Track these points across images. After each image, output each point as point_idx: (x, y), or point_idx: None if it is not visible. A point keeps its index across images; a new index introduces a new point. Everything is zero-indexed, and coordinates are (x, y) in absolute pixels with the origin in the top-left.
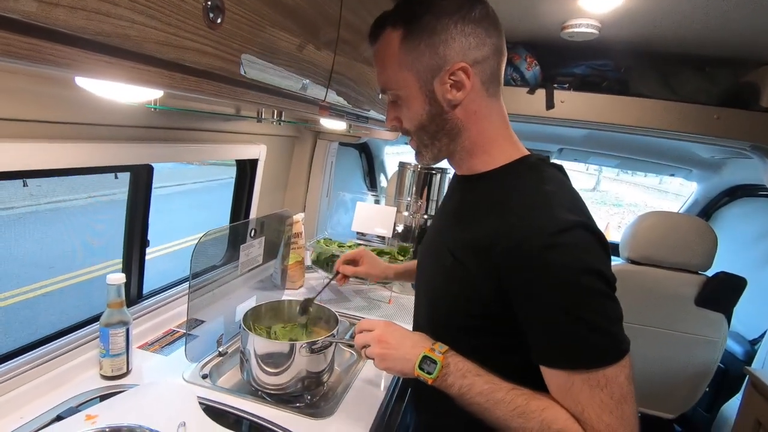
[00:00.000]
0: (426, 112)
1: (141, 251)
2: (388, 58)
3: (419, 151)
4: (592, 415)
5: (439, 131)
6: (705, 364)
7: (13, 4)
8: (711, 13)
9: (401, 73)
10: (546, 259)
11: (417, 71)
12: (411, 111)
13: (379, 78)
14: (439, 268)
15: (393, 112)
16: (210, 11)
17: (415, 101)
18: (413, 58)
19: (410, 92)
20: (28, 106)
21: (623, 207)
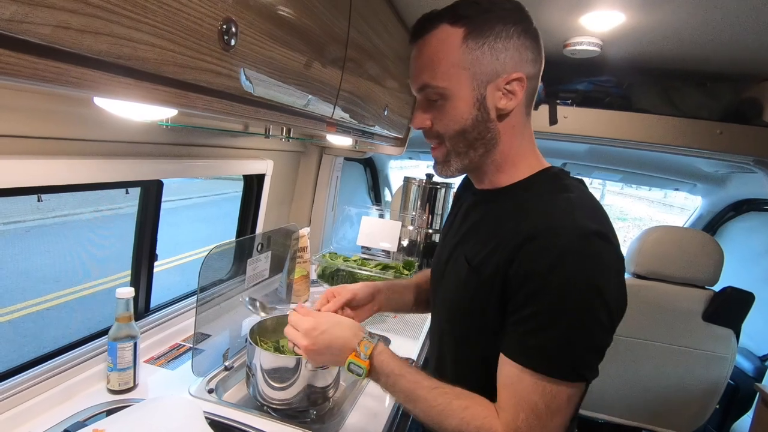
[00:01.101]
0: (472, 116)
1: (149, 265)
2: (444, 54)
3: (447, 160)
4: (517, 412)
5: (478, 140)
6: (714, 380)
7: (38, 28)
8: (711, 30)
9: (456, 72)
10: (558, 259)
11: (474, 72)
12: (455, 113)
13: (424, 74)
14: (455, 280)
15: (427, 112)
16: (225, 34)
17: (463, 103)
18: (474, 57)
19: (461, 93)
20: (45, 123)
21: (628, 221)
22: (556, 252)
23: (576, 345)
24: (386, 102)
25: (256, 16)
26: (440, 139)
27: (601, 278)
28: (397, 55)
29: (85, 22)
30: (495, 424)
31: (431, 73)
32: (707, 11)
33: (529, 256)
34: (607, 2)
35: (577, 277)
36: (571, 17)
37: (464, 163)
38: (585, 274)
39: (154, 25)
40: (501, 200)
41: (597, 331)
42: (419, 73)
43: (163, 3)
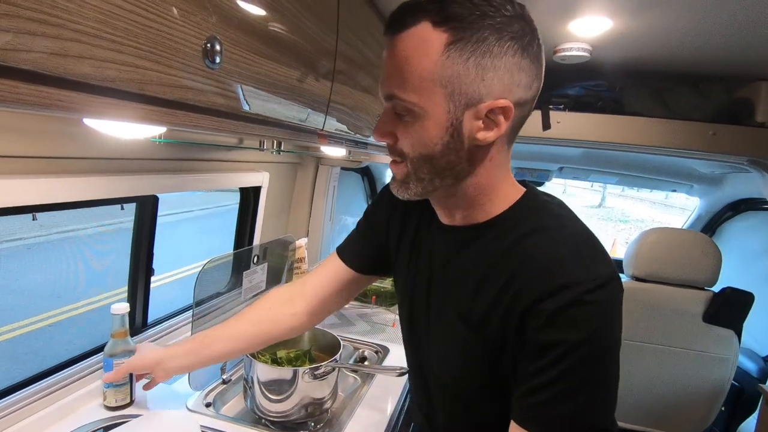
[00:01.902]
0: (442, 143)
1: (146, 280)
2: (419, 61)
3: (406, 182)
4: None
5: (446, 169)
6: (718, 382)
7: (25, 55)
8: (700, 33)
9: (431, 86)
10: (583, 323)
11: (452, 91)
12: (422, 135)
13: (393, 81)
14: (449, 339)
15: (391, 124)
16: (209, 52)
17: (433, 126)
18: (454, 73)
19: (432, 113)
20: (38, 143)
21: (630, 223)
22: (579, 315)
23: (607, 402)
24: (379, 112)
25: (241, 33)
26: (403, 157)
27: (617, 321)
28: None
29: (68, 46)
30: None
31: (401, 82)
32: (693, 15)
33: (548, 320)
34: (594, 9)
35: (602, 339)
36: (559, 24)
37: (426, 190)
38: (608, 332)
39: (136, 46)
40: (484, 240)
41: (617, 380)
42: (388, 78)
43: (146, 25)
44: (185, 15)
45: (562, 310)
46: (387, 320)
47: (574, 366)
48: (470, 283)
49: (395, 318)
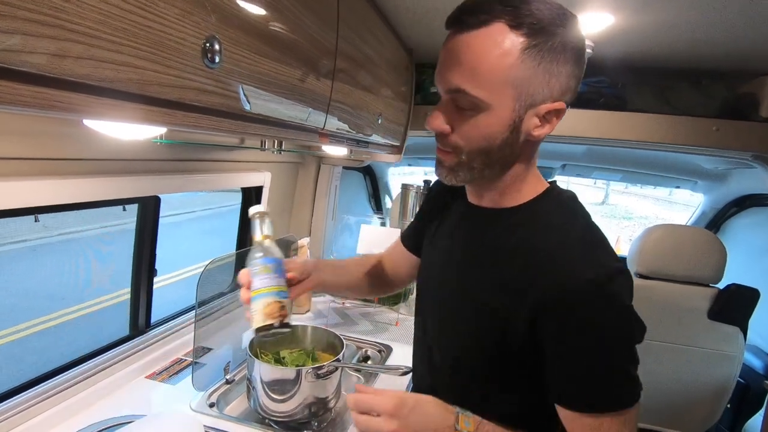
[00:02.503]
0: (502, 139)
1: (149, 280)
2: (494, 59)
3: (455, 170)
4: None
5: (498, 161)
6: (724, 379)
7: (24, 57)
8: (702, 28)
9: (502, 86)
10: (592, 306)
11: (520, 92)
12: (484, 130)
13: (461, 76)
14: (461, 312)
15: (449, 116)
16: (208, 52)
17: (496, 122)
18: (526, 75)
19: (498, 110)
20: (39, 144)
21: (633, 220)
22: (590, 303)
23: (630, 373)
24: (380, 110)
25: (240, 33)
26: (456, 149)
27: (630, 307)
28: (389, 63)
29: (67, 47)
30: None
31: (472, 77)
32: (696, 11)
33: (562, 314)
34: (596, 4)
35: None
36: None
37: (472, 177)
38: (620, 312)
39: (135, 47)
40: (506, 224)
41: (635, 353)
42: (455, 72)
43: (145, 25)
44: (184, 14)
45: (577, 302)
46: (390, 319)
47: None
48: (486, 261)
49: (398, 317)
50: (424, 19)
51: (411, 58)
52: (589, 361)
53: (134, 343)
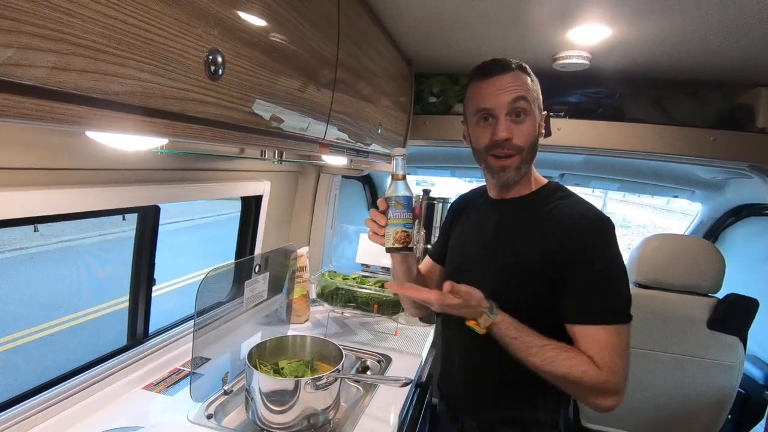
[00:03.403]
0: (537, 134)
1: (147, 289)
2: (528, 85)
3: (520, 167)
4: (606, 356)
5: (536, 152)
6: (724, 389)
7: (28, 70)
8: (698, 40)
9: (534, 99)
10: (596, 238)
11: (538, 104)
12: (532, 127)
13: (518, 91)
14: (495, 273)
15: (510, 126)
16: (211, 65)
17: (535, 122)
18: (537, 94)
19: (535, 113)
20: (41, 155)
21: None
22: (593, 234)
23: (623, 295)
24: (379, 120)
25: (242, 45)
26: (517, 150)
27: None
28: (389, 73)
29: (70, 60)
30: (595, 369)
31: (524, 90)
32: (692, 22)
33: (575, 240)
34: (593, 17)
35: (611, 248)
36: (559, 32)
37: (524, 171)
38: (614, 243)
39: (139, 60)
40: (530, 207)
41: (627, 282)
42: (513, 90)
43: (148, 39)
44: (187, 28)
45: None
46: (389, 329)
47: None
48: (521, 234)
49: (397, 326)
50: (424, 30)
51: (410, 69)
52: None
53: (132, 353)
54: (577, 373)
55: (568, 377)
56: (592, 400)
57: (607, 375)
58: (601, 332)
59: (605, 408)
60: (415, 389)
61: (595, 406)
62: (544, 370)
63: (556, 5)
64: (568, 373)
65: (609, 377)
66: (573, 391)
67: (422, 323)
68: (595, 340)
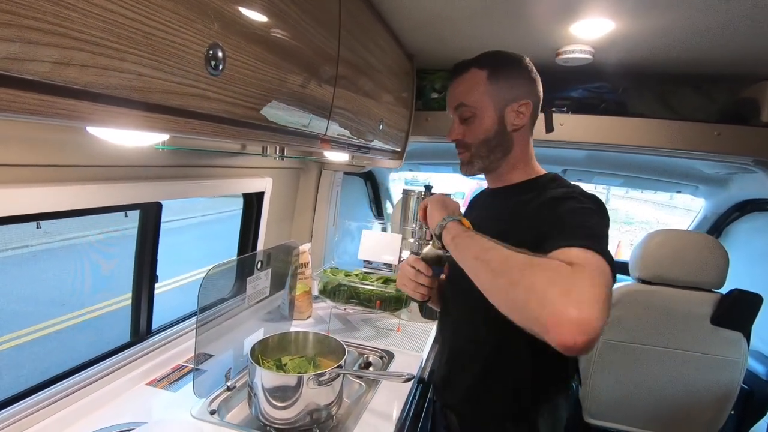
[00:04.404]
0: (492, 129)
1: (150, 286)
2: (473, 86)
3: (471, 161)
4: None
5: (497, 146)
6: (727, 385)
7: (29, 65)
8: (702, 34)
9: (482, 98)
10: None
11: (495, 99)
12: (481, 126)
13: (459, 98)
14: None
15: (460, 127)
16: (211, 59)
17: (487, 119)
18: (494, 89)
19: (485, 112)
20: (42, 151)
21: (634, 224)
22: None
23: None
24: (381, 116)
25: (243, 40)
26: (467, 147)
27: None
28: (390, 69)
29: (71, 55)
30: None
31: (465, 98)
32: (696, 16)
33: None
34: (596, 11)
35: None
36: (561, 26)
37: (485, 164)
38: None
39: (139, 54)
40: (521, 192)
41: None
42: (457, 98)
43: (148, 33)
44: (188, 22)
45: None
46: (392, 325)
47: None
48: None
49: (399, 322)
50: (425, 26)
51: (412, 64)
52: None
53: (135, 350)
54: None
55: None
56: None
57: (578, 269)
58: (576, 251)
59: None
60: (417, 385)
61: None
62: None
63: None
64: (528, 258)
65: (579, 271)
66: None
67: (424, 319)
68: (566, 255)
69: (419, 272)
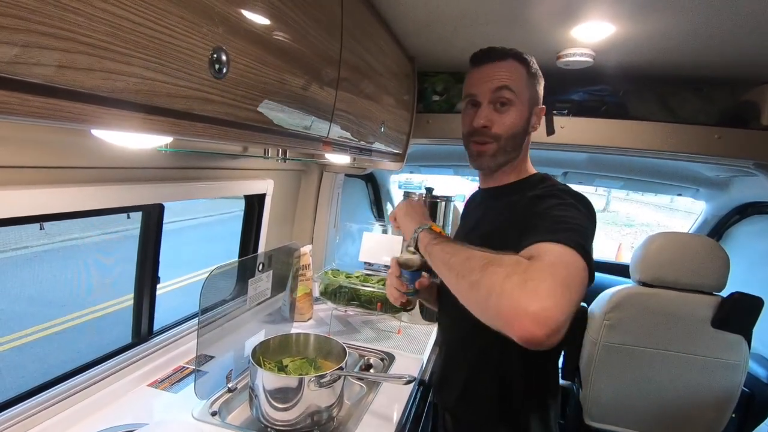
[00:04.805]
0: (522, 125)
1: (152, 288)
2: (519, 76)
3: (495, 155)
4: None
5: (519, 144)
6: (728, 388)
7: (35, 69)
8: (702, 37)
9: (524, 90)
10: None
11: (530, 96)
12: (516, 118)
13: (503, 80)
14: None
15: (493, 114)
16: (216, 63)
17: (521, 113)
18: (531, 86)
19: (522, 105)
20: (45, 153)
21: (635, 227)
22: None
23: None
24: (383, 119)
25: (247, 43)
26: (495, 138)
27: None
28: (392, 72)
29: (77, 59)
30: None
31: (510, 80)
32: (697, 19)
33: (538, 199)
34: (596, 14)
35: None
36: (562, 29)
37: (504, 159)
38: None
39: (145, 58)
40: (517, 193)
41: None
42: (499, 78)
43: (154, 37)
44: (192, 26)
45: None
46: (392, 327)
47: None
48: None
49: (400, 325)
50: (426, 28)
51: (413, 67)
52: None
53: (136, 351)
54: (497, 255)
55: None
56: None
57: (535, 261)
58: (545, 244)
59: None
60: (418, 387)
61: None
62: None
63: (559, 3)
64: (487, 256)
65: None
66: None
67: (425, 321)
68: (533, 249)
69: (396, 277)
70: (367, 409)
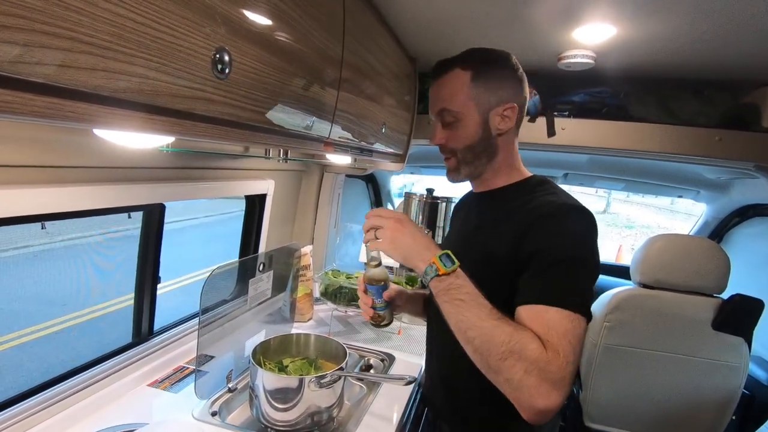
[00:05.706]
0: (476, 135)
1: (152, 288)
2: (457, 90)
3: (457, 168)
4: (554, 338)
5: (482, 152)
6: (728, 390)
7: (38, 68)
8: (703, 39)
9: (466, 102)
10: (561, 230)
11: (479, 103)
12: (465, 132)
13: (442, 103)
14: (468, 267)
15: (443, 132)
16: (218, 63)
17: (471, 125)
18: (479, 92)
19: (469, 117)
20: (47, 152)
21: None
22: (561, 219)
23: (582, 286)
24: (384, 119)
25: (249, 44)
26: (452, 152)
27: (590, 240)
28: (393, 72)
29: (80, 58)
30: (540, 345)
31: (447, 103)
32: (698, 22)
33: (538, 229)
34: (598, 16)
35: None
36: (564, 31)
37: (471, 170)
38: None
39: (147, 58)
40: (503, 197)
41: (591, 276)
42: (439, 103)
43: (156, 37)
44: (195, 27)
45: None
46: (393, 328)
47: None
48: (488, 224)
49: (401, 325)
50: (428, 29)
51: (414, 67)
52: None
53: (137, 351)
54: (517, 343)
55: (508, 345)
56: (528, 384)
57: (552, 356)
58: (552, 313)
59: (540, 408)
60: (418, 388)
61: (528, 402)
62: (482, 349)
63: (561, 4)
64: (507, 342)
65: (553, 358)
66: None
67: (425, 323)
68: (545, 320)
69: (363, 292)
70: (367, 409)
